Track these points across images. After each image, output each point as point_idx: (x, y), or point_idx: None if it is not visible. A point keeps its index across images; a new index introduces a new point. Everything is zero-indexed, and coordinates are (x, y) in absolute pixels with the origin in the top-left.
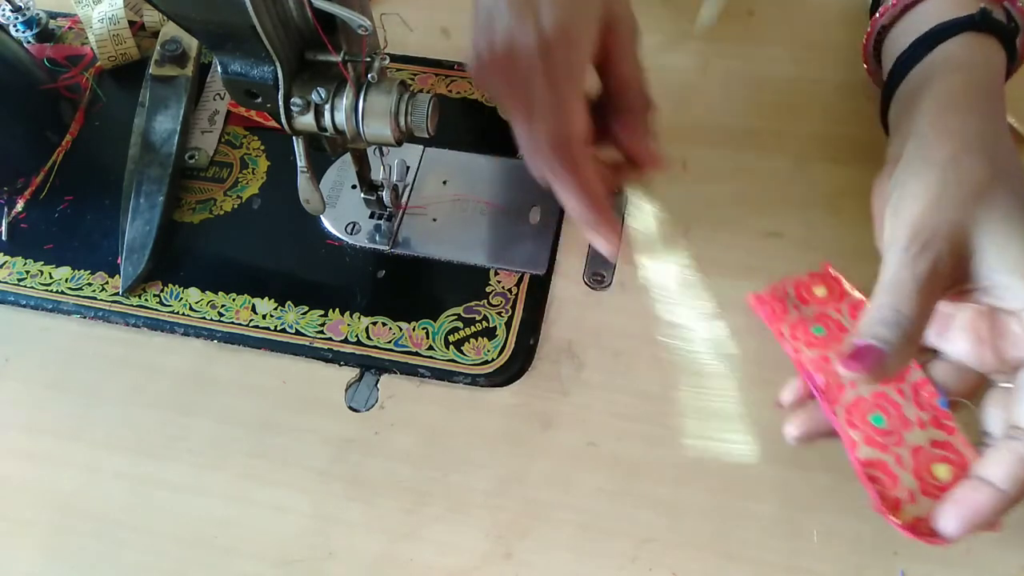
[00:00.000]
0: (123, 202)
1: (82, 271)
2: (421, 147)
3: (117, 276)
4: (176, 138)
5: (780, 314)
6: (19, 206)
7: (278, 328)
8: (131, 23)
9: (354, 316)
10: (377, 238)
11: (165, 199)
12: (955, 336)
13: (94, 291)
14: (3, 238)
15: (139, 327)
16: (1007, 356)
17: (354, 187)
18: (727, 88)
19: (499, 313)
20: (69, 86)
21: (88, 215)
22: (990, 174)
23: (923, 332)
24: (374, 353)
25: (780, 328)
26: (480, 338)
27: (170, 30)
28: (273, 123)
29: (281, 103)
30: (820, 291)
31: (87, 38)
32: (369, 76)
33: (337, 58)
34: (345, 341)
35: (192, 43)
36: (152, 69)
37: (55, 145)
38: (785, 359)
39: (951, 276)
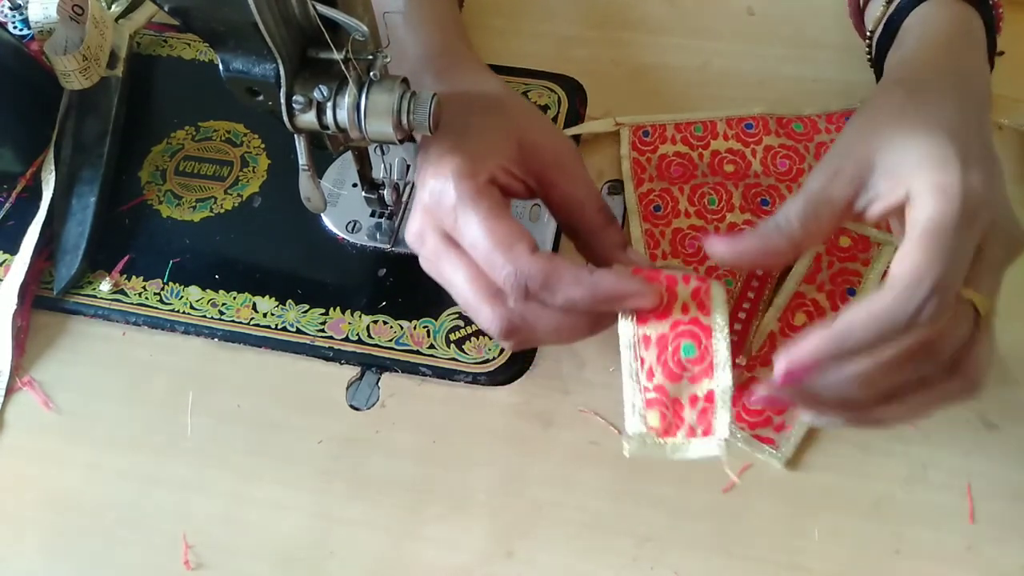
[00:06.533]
0: (56, 204)
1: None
2: None
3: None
4: (108, 139)
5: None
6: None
7: (279, 327)
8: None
9: (355, 314)
10: (378, 236)
11: (98, 200)
12: None
13: (94, 289)
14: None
15: (140, 325)
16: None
17: (355, 185)
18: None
19: None
20: None
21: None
22: (902, 101)
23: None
24: (375, 351)
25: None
26: (481, 336)
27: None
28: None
29: (283, 101)
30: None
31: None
32: (371, 74)
33: (339, 56)
34: (346, 339)
35: (122, 44)
36: None
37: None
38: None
39: (848, 188)
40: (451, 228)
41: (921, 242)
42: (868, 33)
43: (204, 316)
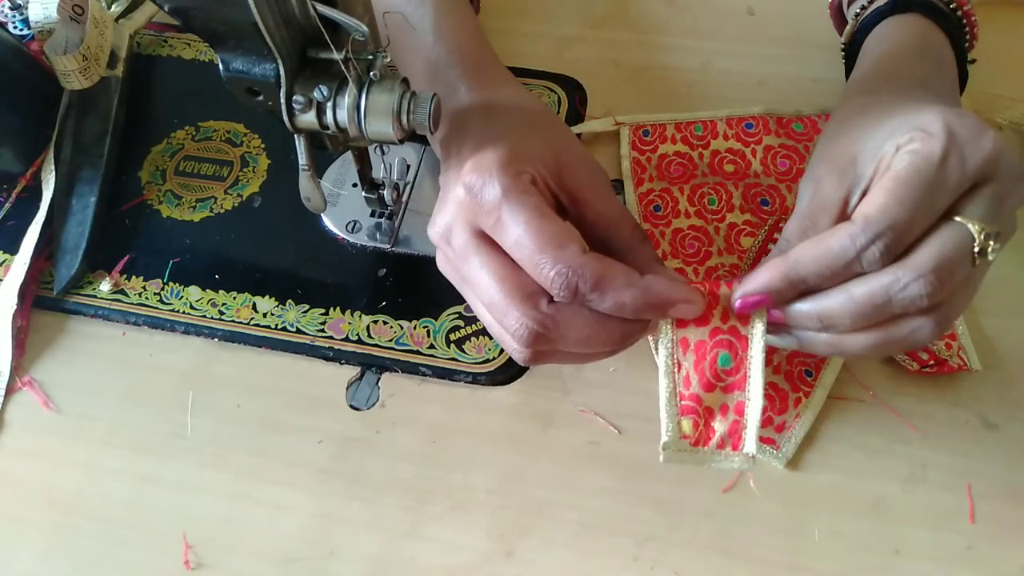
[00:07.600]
0: (56, 204)
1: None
2: (422, 146)
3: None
4: (108, 139)
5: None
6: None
7: (279, 326)
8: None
9: (355, 314)
10: (378, 236)
11: (98, 200)
12: None
13: (94, 289)
14: None
15: (140, 325)
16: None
17: (355, 185)
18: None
19: None
20: None
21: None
22: (865, 99)
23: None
24: (375, 351)
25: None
26: (481, 336)
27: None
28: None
29: (283, 101)
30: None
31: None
32: (371, 74)
33: (339, 56)
34: (346, 339)
35: (122, 44)
36: None
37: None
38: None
39: (837, 191)
40: (491, 226)
41: (888, 185)
42: (842, 45)
43: (204, 316)
